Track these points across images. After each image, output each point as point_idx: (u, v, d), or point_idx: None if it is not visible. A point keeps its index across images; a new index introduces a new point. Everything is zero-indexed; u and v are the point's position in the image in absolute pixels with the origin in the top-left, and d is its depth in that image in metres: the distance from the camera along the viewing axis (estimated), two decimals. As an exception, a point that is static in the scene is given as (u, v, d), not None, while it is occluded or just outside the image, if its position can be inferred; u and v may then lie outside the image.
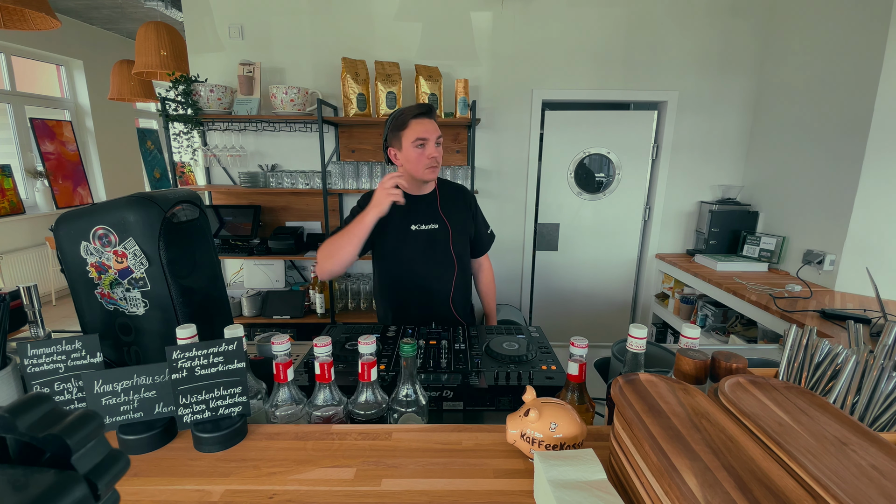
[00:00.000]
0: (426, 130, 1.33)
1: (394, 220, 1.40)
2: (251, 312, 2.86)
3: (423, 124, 1.34)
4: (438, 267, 1.47)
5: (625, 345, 0.81)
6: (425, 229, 1.44)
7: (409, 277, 1.45)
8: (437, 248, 1.46)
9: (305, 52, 2.79)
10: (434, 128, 1.36)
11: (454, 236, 1.47)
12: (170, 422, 0.76)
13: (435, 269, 1.46)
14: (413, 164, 1.36)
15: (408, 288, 1.46)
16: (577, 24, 2.75)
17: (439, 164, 1.38)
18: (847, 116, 2.18)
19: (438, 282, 1.47)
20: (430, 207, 1.46)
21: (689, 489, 0.45)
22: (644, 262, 3.21)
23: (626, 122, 2.99)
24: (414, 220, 1.43)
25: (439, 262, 1.47)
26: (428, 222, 1.45)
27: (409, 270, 1.45)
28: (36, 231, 4.31)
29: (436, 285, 1.47)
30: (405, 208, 1.40)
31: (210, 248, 1.07)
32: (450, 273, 1.48)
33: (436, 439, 0.77)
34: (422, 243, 1.44)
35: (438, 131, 1.37)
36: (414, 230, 1.43)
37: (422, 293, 1.45)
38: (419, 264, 1.44)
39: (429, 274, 1.46)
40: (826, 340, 0.74)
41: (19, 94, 4.30)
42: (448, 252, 1.47)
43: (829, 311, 1.81)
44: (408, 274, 1.45)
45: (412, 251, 1.43)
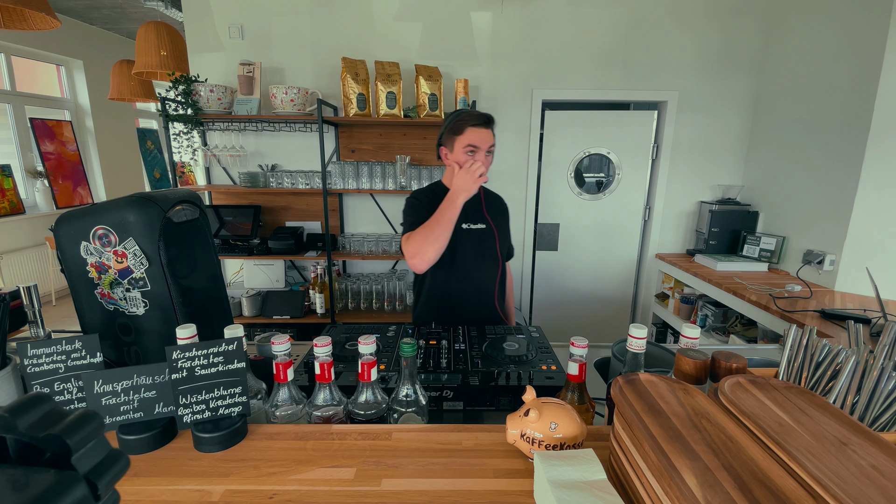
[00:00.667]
0: (479, 139, 1.35)
1: None
2: (251, 312, 2.86)
3: (479, 133, 1.35)
4: (486, 266, 1.51)
5: (625, 345, 0.81)
6: (475, 229, 1.48)
7: (460, 275, 1.48)
8: (486, 248, 1.50)
9: (305, 52, 2.79)
10: (488, 138, 1.37)
11: (500, 237, 1.52)
12: (170, 422, 0.76)
13: (483, 268, 1.50)
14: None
15: (457, 285, 1.47)
16: (577, 24, 2.75)
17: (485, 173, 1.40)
18: (847, 116, 2.18)
19: (486, 279, 1.51)
20: (477, 208, 1.51)
21: (689, 489, 0.45)
22: (644, 262, 3.21)
23: (626, 122, 2.99)
24: (464, 220, 1.45)
25: (487, 262, 1.51)
26: (476, 222, 1.48)
27: (460, 268, 1.47)
28: (36, 231, 4.31)
29: (484, 283, 1.51)
30: None
31: (210, 248, 1.07)
32: (495, 271, 1.52)
33: (436, 439, 0.77)
34: (472, 242, 1.47)
35: (492, 141, 1.38)
36: (465, 229, 1.46)
37: (471, 290, 1.48)
38: (469, 262, 1.47)
39: (478, 272, 1.49)
40: (826, 340, 0.74)
41: (19, 94, 4.30)
42: (495, 252, 1.51)
43: (829, 311, 1.81)
44: (458, 271, 1.47)
45: (463, 249, 1.46)
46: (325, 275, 2.86)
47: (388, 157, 2.92)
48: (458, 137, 1.37)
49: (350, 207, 3.06)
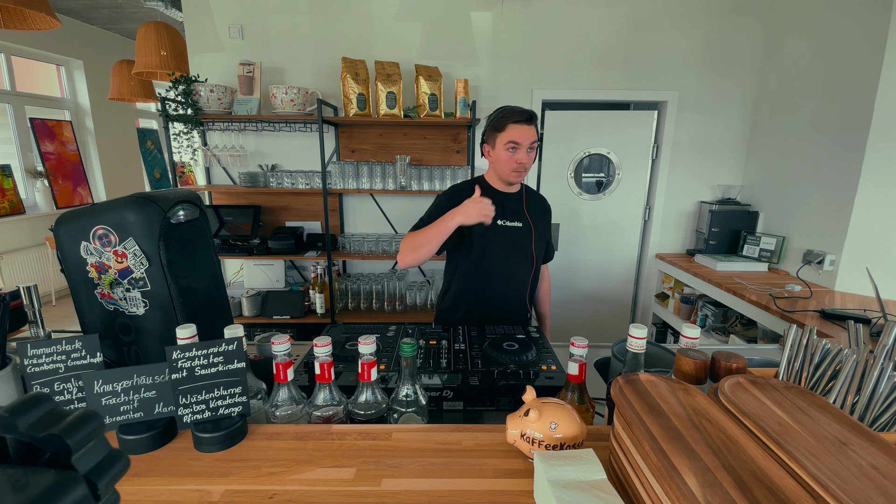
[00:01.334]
0: (521, 136, 1.35)
1: None
2: (251, 312, 2.86)
3: (521, 130, 1.35)
4: (519, 263, 1.51)
5: (625, 345, 0.81)
6: (510, 226, 1.47)
7: (492, 270, 1.47)
8: (520, 246, 1.49)
9: (305, 52, 2.79)
10: (530, 134, 1.36)
11: (536, 236, 1.51)
12: (170, 422, 0.76)
13: (516, 265, 1.50)
14: (502, 165, 1.40)
15: (486, 282, 1.47)
16: (577, 24, 2.75)
17: (527, 169, 1.41)
18: (847, 116, 2.18)
19: (517, 278, 1.51)
20: (516, 206, 1.50)
21: (689, 489, 0.45)
22: (644, 262, 3.21)
23: (626, 122, 2.99)
24: (500, 216, 1.45)
25: (521, 259, 1.50)
26: (513, 219, 1.48)
27: (492, 264, 1.47)
28: (36, 231, 4.31)
29: (515, 281, 1.50)
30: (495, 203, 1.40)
31: (210, 248, 1.07)
32: (528, 271, 1.52)
33: (436, 439, 0.77)
34: (506, 239, 1.47)
35: (534, 137, 1.37)
36: (500, 225, 1.46)
37: (501, 287, 1.48)
38: (502, 259, 1.47)
39: (510, 269, 1.49)
40: (826, 340, 0.74)
41: (19, 94, 4.30)
42: (529, 250, 1.51)
43: (829, 311, 1.81)
44: (490, 267, 1.47)
45: (497, 245, 1.46)
46: (325, 275, 2.86)
47: (388, 157, 2.92)
48: (500, 134, 1.37)
49: (350, 207, 3.06)
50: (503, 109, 1.39)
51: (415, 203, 3.03)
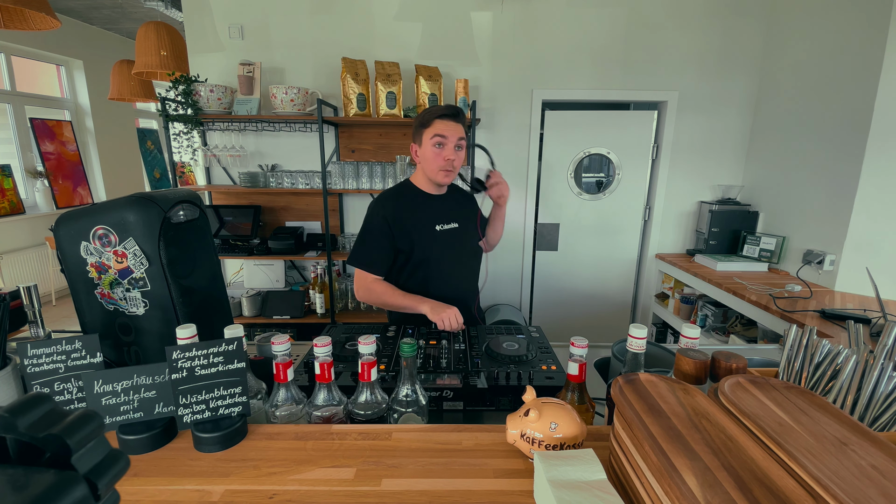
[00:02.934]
0: (447, 129, 1.32)
1: (420, 220, 1.41)
2: (251, 312, 2.86)
3: (447, 124, 1.33)
4: (462, 265, 1.50)
5: (625, 345, 0.81)
6: (448, 229, 1.45)
7: (434, 278, 1.44)
8: (459, 247, 1.48)
9: (305, 52, 2.79)
10: (457, 130, 1.33)
11: (471, 235, 1.51)
12: (170, 422, 0.76)
13: (459, 268, 1.49)
14: (429, 164, 1.36)
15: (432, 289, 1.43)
16: (577, 24, 2.75)
17: (455, 169, 1.37)
18: (847, 116, 2.18)
19: (458, 280, 1.50)
20: (447, 208, 1.48)
21: (689, 489, 0.45)
22: (644, 262, 3.21)
23: (626, 122, 2.99)
24: (437, 221, 1.44)
25: (462, 261, 1.50)
26: (449, 222, 1.46)
27: (435, 271, 1.44)
28: (36, 231, 4.31)
29: (456, 284, 1.49)
30: (427, 207, 1.43)
31: (210, 248, 1.07)
32: (470, 271, 1.52)
33: (436, 439, 0.77)
34: (446, 243, 1.45)
35: (461, 134, 1.34)
36: (439, 230, 1.44)
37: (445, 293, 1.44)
38: (446, 263, 1.45)
39: (454, 273, 1.48)
40: (826, 340, 0.74)
41: (19, 94, 4.30)
42: (468, 251, 1.51)
43: (829, 311, 1.81)
44: (433, 274, 1.44)
45: (439, 251, 1.43)
46: (325, 275, 2.86)
47: (388, 157, 2.92)
48: (426, 130, 1.34)
49: (350, 207, 3.06)
50: (429, 108, 1.38)
51: (415, 203, 3.03)
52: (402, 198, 1.44)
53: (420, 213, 1.42)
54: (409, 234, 1.39)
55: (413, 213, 1.41)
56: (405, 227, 1.38)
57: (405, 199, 1.44)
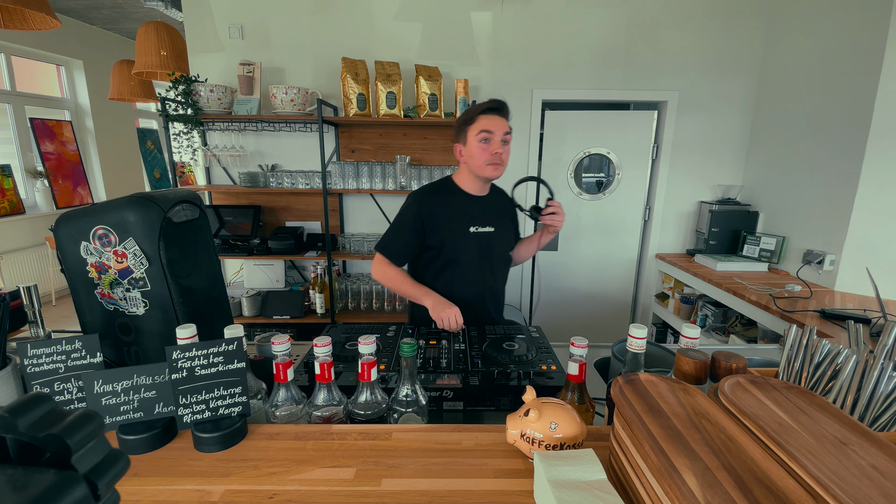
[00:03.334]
0: (493, 125, 1.30)
1: (454, 220, 1.40)
2: (251, 312, 2.86)
3: (492, 119, 1.31)
4: (491, 270, 1.47)
5: (625, 345, 0.81)
6: (483, 231, 1.43)
7: (458, 278, 1.43)
8: (491, 252, 1.46)
9: (305, 52, 2.79)
10: (502, 125, 1.32)
11: (506, 241, 1.49)
12: (170, 422, 0.76)
13: (488, 272, 1.47)
14: (475, 160, 1.34)
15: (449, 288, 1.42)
16: (577, 24, 2.75)
17: (503, 162, 1.34)
18: (847, 116, 2.18)
19: (484, 283, 1.47)
20: (486, 210, 1.45)
21: (688, 489, 0.45)
22: (644, 262, 3.21)
23: (626, 122, 2.99)
24: (473, 222, 1.42)
25: (493, 266, 1.47)
26: (484, 224, 1.43)
27: (460, 271, 1.43)
28: (36, 231, 4.31)
29: (481, 287, 1.47)
30: (466, 208, 1.41)
31: (210, 248, 1.07)
32: (498, 277, 1.50)
33: (436, 439, 0.77)
34: (479, 245, 1.43)
35: (507, 128, 1.33)
36: (473, 232, 1.42)
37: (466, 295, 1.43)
38: (471, 266, 1.43)
39: (483, 276, 1.46)
40: (826, 340, 0.74)
41: (19, 94, 4.30)
42: (500, 257, 1.49)
43: (829, 311, 1.81)
44: (457, 274, 1.43)
45: (469, 252, 1.42)
46: (325, 275, 2.86)
47: (388, 157, 2.92)
48: (471, 126, 1.33)
49: (350, 207, 3.06)
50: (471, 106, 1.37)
51: (415, 203, 3.03)
52: (440, 194, 1.43)
53: (456, 213, 1.41)
54: (441, 231, 1.39)
55: (449, 211, 1.40)
56: (438, 224, 1.38)
57: (444, 196, 1.42)
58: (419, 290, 1.36)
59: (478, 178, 1.40)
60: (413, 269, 1.51)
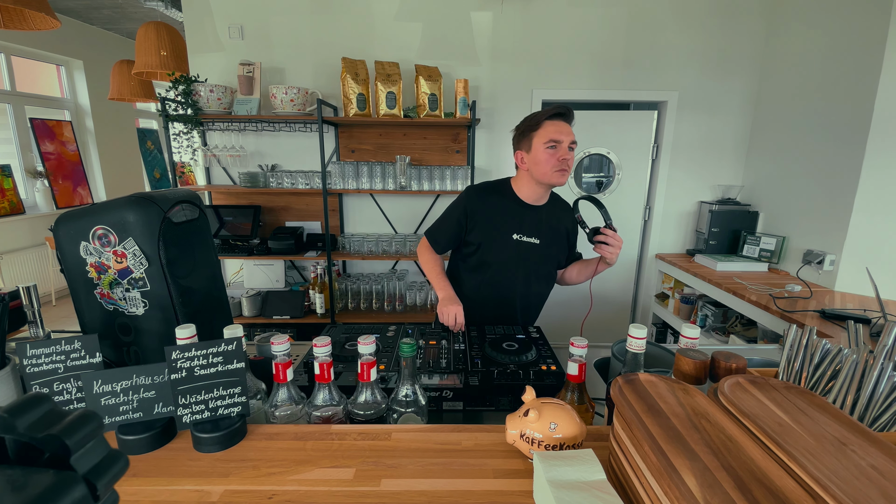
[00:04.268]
0: (560, 132, 1.27)
1: (498, 224, 1.38)
2: (251, 312, 2.86)
3: (558, 126, 1.27)
4: (525, 280, 1.44)
5: (625, 345, 0.81)
6: (526, 241, 1.40)
7: (494, 282, 1.42)
8: (531, 263, 1.42)
9: (305, 52, 2.79)
10: (569, 131, 1.29)
11: (552, 256, 1.45)
12: (169, 422, 0.76)
13: (521, 282, 1.43)
14: (542, 167, 1.29)
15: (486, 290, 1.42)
16: (577, 24, 2.75)
17: (569, 169, 1.31)
18: (847, 116, 2.18)
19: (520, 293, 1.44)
20: (537, 221, 1.41)
21: (688, 489, 0.45)
22: (644, 262, 3.21)
23: (626, 122, 2.99)
24: (518, 230, 1.39)
25: (530, 279, 1.44)
26: (531, 235, 1.40)
27: (496, 276, 1.41)
28: (36, 231, 4.30)
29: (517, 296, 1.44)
30: (514, 215, 1.38)
31: (210, 248, 1.07)
32: (533, 287, 1.46)
33: (435, 439, 0.77)
34: (519, 254, 1.40)
35: (573, 136, 1.29)
36: (515, 240, 1.39)
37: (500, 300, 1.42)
38: (508, 274, 1.41)
39: (513, 284, 1.43)
40: (826, 340, 0.74)
41: (19, 94, 4.30)
42: (541, 271, 1.45)
43: (829, 311, 1.81)
44: (493, 278, 1.42)
45: (507, 258, 1.39)
46: (325, 275, 2.86)
47: (388, 157, 2.92)
48: (536, 133, 1.28)
49: (350, 207, 3.06)
50: (534, 112, 1.33)
51: (415, 203, 3.03)
52: (493, 196, 1.40)
53: (503, 217, 1.38)
54: (482, 232, 1.37)
55: (496, 214, 1.38)
56: (481, 224, 1.37)
57: (496, 197, 1.40)
58: (440, 281, 1.37)
59: (539, 185, 1.35)
60: (454, 258, 1.52)
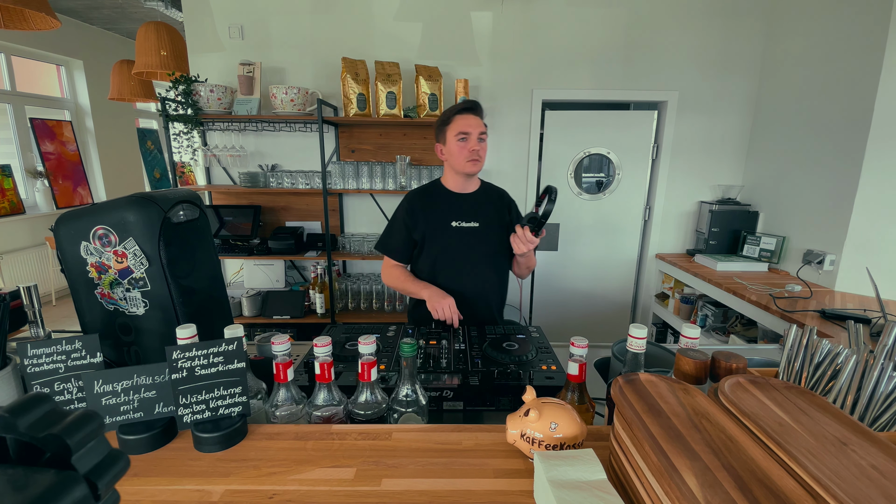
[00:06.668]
0: (468, 125, 1.39)
1: (435, 215, 1.47)
2: (251, 312, 2.86)
3: (467, 119, 1.39)
4: (476, 264, 1.50)
5: (625, 345, 0.81)
6: (465, 227, 1.48)
7: (447, 272, 1.48)
8: (476, 246, 1.49)
9: (305, 52, 2.79)
10: (477, 123, 1.40)
11: (494, 236, 1.51)
12: (170, 422, 0.76)
13: (472, 266, 1.49)
14: (455, 158, 1.42)
15: (443, 282, 1.46)
16: (577, 24, 2.75)
17: (481, 158, 1.42)
18: (847, 116, 2.18)
19: (474, 278, 1.49)
20: (471, 206, 1.51)
21: (689, 489, 0.45)
22: (644, 262, 3.21)
23: (626, 122, 2.99)
24: (455, 217, 1.48)
25: (477, 260, 1.50)
26: (468, 220, 1.49)
27: (447, 265, 1.48)
28: (36, 231, 4.30)
29: (471, 281, 1.49)
30: (448, 204, 1.49)
31: (210, 248, 1.07)
32: (485, 270, 1.51)
33: (436, 439, 0.77)
34: (461, 240, 1.48)
35: (482, 127, 1.41)
36: (454, 226, 1.47)
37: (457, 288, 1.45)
38: (457, 260, 1.48)
39: (465, 270, 1.49)
40: (826, 340, 0.74)
41: (19, 94, 4.30)
42: (487, 251, 1.51)
43: (829, 311, 1.81)
44: (445, 268, 1.48)
45: (448, 246, 1.47)
46: (325, 275, 2.86)
47: (388, 157, 2.92)
48: (448, 127, 1.42)
49: (350, 207, 3.06)
50: (448, 108, 1.44)
51: (415, 203, 3.03)
52: (426, 194, 1.51)
53: (438, 209, 1.48)
54: (423, 226, 1.46)
55: (432, 208, 1.48)
56: (421, 219, 1.46)
57: (429, 195, 1.51)
58: (418, 285, 1.44)
59: (458, 175, 1.47)
60: (413, 268, 1.57)
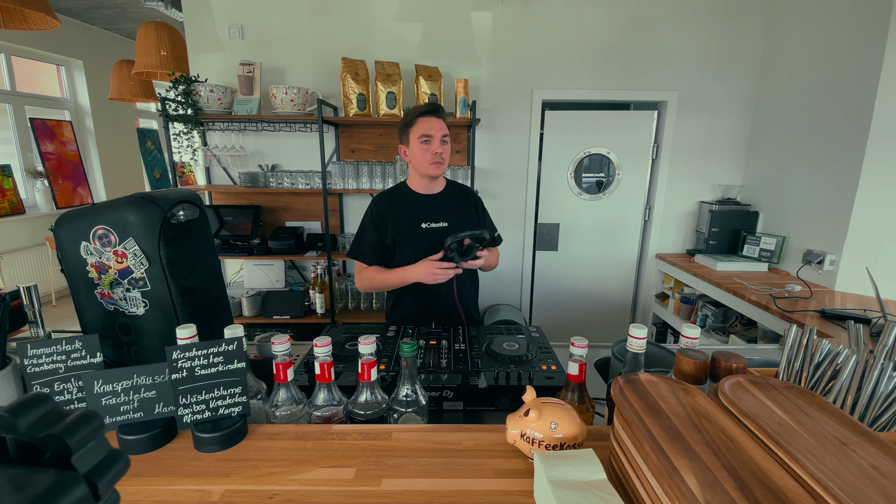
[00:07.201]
0: (431, 128, 1.39)
1: (404, 218, 1.47)
2: (251, 312, 2.86)
3: (429, 122, 1.40)
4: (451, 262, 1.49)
5: (625, 345, 0.81)
6: (435, 227, 1.48)
7: None
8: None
9: (305, 52, 2.79)
10: (440, 126, 1.41)
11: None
12: (170, 422, 0.76)
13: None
14: (418, 160, 1.43)
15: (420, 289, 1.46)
16: (577, 24, 2.75)
17: (444, 161, 1.43)
18: (847, 116, 2.18)
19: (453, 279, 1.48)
20: (439, 206, 1.51)
21: (689, 489, 0.45)
22: (644, 262, 3.21)
23: (626, 122, 2.99)
24: (424, 219, 1.48)
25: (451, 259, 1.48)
26: (437, 220, 1.49)
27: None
28: (36, 231, 4.30)
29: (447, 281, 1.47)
30: (416, 206, 1.48)
31: (210, 248, 1.07)
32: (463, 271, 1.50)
33: (436, 439, 0.77)
34: (431, 241, 1.47)
35: (444, 130, 1.42)
36: (424, 228, 1.47)
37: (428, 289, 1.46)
38: None
39: None
40: (826, 340, 0.74)
41: (19, 94, 4.30)
42: None
43: (829, 311, 1.81)
44: None
45: (421, 248, 1.47)
46: (325, 275, 2.86)
47: (388, 157, 2.92)
48: (411, 130, 1.41)
49: (350, 207, 3.06)
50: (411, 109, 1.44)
51: (415, 203, 3.03)
52: (393, 197, 1.52)
53: (407, 211, 1.48)
54: (394, 230, 1.47)
55: (400, 210, 1.48)
56: (390, 223, 1.47)
57: (396, 198, 1.51)
58: (395, 273, 1.43)
59: (423, 177, 1.48)
60: None
